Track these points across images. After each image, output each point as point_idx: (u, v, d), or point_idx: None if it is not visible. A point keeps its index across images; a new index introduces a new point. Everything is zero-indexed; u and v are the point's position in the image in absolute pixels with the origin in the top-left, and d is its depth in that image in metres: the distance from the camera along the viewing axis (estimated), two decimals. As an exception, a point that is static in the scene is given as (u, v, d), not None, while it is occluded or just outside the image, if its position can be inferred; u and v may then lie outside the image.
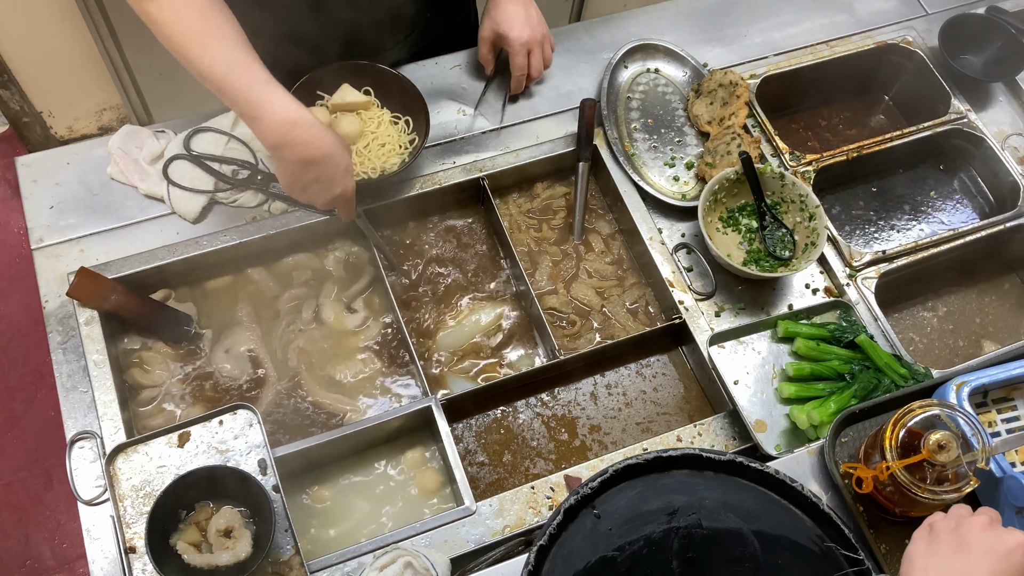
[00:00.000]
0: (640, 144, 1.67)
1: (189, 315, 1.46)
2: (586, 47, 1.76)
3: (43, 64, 2.46)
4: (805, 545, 1.07)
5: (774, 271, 1.51)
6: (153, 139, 1.53)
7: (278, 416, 1.42)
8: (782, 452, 1.34)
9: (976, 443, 1.09)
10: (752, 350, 1.46)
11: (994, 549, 0.89)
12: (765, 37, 1.81)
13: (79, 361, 1.35)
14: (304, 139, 1.19)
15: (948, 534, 0.93)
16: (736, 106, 1.63)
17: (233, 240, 1.47)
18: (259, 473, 1.25)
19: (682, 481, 1.09)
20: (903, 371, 1.41)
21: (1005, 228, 1.63)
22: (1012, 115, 1.77)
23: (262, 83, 1.16)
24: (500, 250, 1.62)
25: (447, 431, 1.35)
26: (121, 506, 1.22)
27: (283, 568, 1.20)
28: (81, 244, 1.45)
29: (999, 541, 0.90)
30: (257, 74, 1.17)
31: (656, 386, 1.53)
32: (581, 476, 1.32)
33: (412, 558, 1.15)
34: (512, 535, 1.27)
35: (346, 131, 1.49)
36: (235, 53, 1.17)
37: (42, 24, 2.33)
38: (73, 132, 2.74)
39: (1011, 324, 1.68)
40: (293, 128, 1.18)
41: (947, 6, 1.88)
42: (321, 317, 1.51)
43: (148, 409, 1.41)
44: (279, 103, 1.17)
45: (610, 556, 1.04)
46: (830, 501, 1.22)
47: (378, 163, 1.50)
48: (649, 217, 1.58)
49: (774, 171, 1.54)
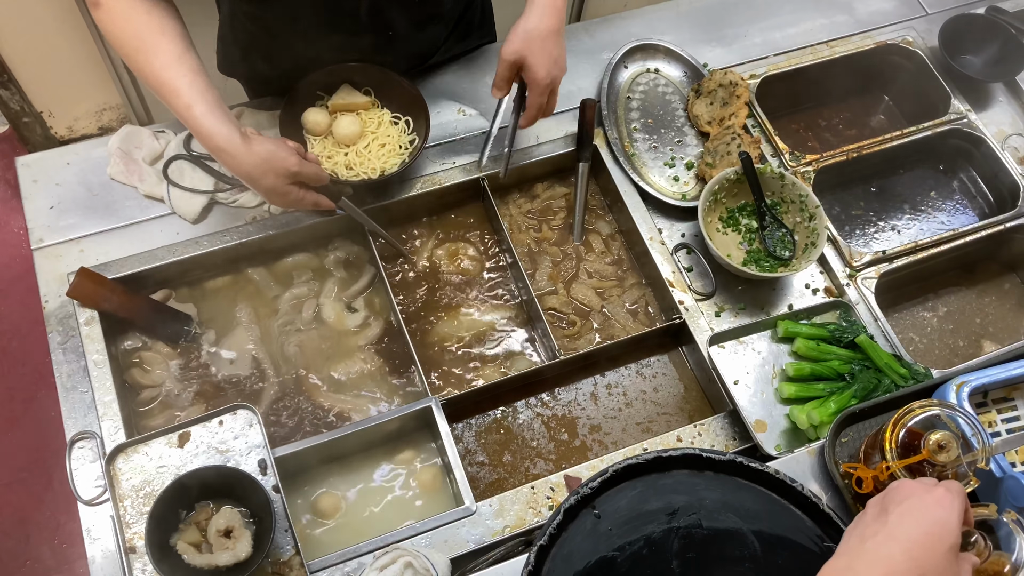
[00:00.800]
0: (640, 144, 1.67)
1: (189, 315, 1.46)
2: (586, 47, 1.76)
3: (43, 64, 2.46)
4: (805, 545, 1.07)
5: (774, 271, 1.51)
6: (153, 139, 1.53)
7: (278, 416, 1.42)
8: (782, 452, 1.34)
9: (976, 443, 1.09)
10: (752, 350, 1.46)
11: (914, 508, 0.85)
12: (765, 37, 1.81)
13: (79, 361, 1.35)
14: (227, 163, 1.25)
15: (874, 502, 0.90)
16: (736, 106, 1.63)
17: (233, 240, 1.47)
18: (259, 473, 1.25)
19: (682, 481, 1.09)
20: (903, 371, 1.41)
21: (1005, 228, 1.63)
22: (1012, 115, 1.77)
23: (184, 107, 1.21)
24: (500, 250, 1.62)
25: (447, 431, 1.35)
26: (121, 506, 1.22)
27: (283, 568, 1.20)
28: (81, 244, 1.45)
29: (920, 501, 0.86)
30: (182, 98, 1.21)
31: (656, 386, 1.53)
32: (581, 476, 1.32)
33: (412, 558, 1.15)
34: (512, 535, 1.27)
35: (346, 131, 1.49)
36: (165, 73, 1.22)
37: (42, 24, 2.33)
38: (73, 132, 2.74)
39: (1011, 324, 1.68)
40: (217, 154, 1.24)
41: (947, 6, 1.88)
42: (321, 317, 1.51)
43: (148, 409, 1.41)
44: (203, 129, 1.22)
45: (610, 556, 1.04)
46: (830, 501, 1.21)
47: (378, 164, 1.50)
48: (649, 217, 1.58)
49: (774, 171, 1.54)
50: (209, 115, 1.21)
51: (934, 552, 0.82)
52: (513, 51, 1.35)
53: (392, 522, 1.35)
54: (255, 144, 1.25)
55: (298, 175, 1.30)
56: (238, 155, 1.23)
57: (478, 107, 1.66)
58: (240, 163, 1.24)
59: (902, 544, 0.82)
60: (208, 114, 1.21)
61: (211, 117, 1.21)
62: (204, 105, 1.21)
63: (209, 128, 1.21)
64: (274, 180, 1.27)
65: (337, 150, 1.51)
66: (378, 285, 1.54)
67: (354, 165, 1.50)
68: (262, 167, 1.25)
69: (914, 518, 0.84)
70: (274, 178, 1.27)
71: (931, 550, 0.82)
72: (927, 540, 0.82)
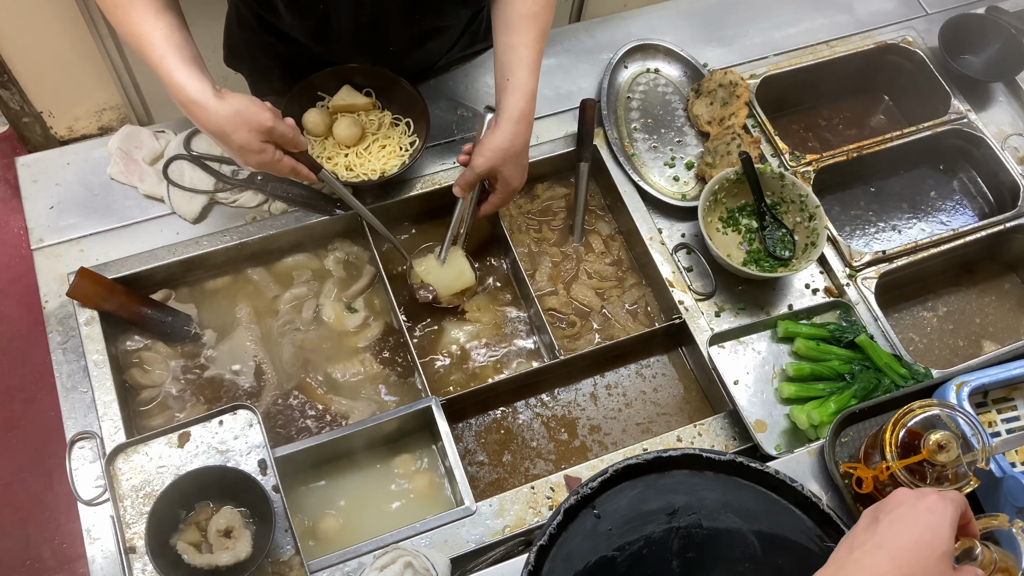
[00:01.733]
0: (640, 144, 1.67)
1: (189, 315, 1.46)
2: (586, 47, 1.76)
3: (43, 64, 2.46)
4: (805, 545, 1.07)
5: (774, 271, 1.51)
6: (153, 139, 1.53)
7: (278, 416, 1.42)
8: (782, 452, 1.34)
9: (976, 443, 1.09)
10: (752, 350, 1.46)
11: (904, 516, 0.83)
12: (765, 37, 1.81)
13: (79, 361, 1.35)
14: (197, 117, 1.20)
15: (868, 512, 0.88)
16: (736, 106, 1.63)
17: (233, 240, 1.47)
18: (259, 473, 1.25)
19: (682, 481, 1.09)
20: (903, 371, 1.41)
21: (1005, 228, 1.63)
22: (1012, 115, 1.77)
23: (158, 58, 1.18)
24: (500, 251, 1.62)
25: (447, 431, 1.35)
26: (121, 506, 1.22)
27: (283, 568, 1.20)
28: (81, 244, 1.45)
29: (911, 508, 0.84)
30: (156, 49, 1.18)
31: (656, 386, 1.53)
32: (581, 476, 1.32)
33: (412, 558, 1.15)
34: (512, 535, 1.27)
35: (346, 133, 1.49)
36: (143, 27, 1.19)
37: (42, 24, 2.33)
38: (73, 132, 2.74)
39: (1011, 324, 1.68)
40: (187, 107, 1.20)
41: (947, 6, 1.88)
42: (321, 317, 1.51)
43: (148, 409, 1.41)
44: (174, 80, 1.18)
45: (610, 556, 1.04)
46: (830, 501, 1.21)
47: (378, 165, 1.50)
48: (649, 217, 1.58)
49: (774, 171, 1.54)
50: (182, 66, 1.18)
51: (923, 560, 0.80)
52: (487, 168, 1.36)
53: (392, 522, 1.34)
54: (228, 97, 1.20)
55: (272, 132, 1.24)
56: (209, 107, 1.18)
57: (478, 107, 1.66)
58: (210, 116, 1.19)
59: (889, 552, 0.81)
60: (181, 66, 1.18)
61: (184, 69, 1.18)
62: (178, 57, 1.18)
63: (180, 79, 1.18)
64: (246, 135, 1.21)
65: (337, 151, 1.51)
66: (378, 285, 1.54)
67: (354, 166, 1.50)
68: (234, 120, 1.20)
69: (903, 525, 0.82)
70: (246, 133, 1.21)
71: (920, 558, 0.80)
72: (916, 548, 0.80)
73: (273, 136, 1.24)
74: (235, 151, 1.24)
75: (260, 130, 1.22)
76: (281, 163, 1.28)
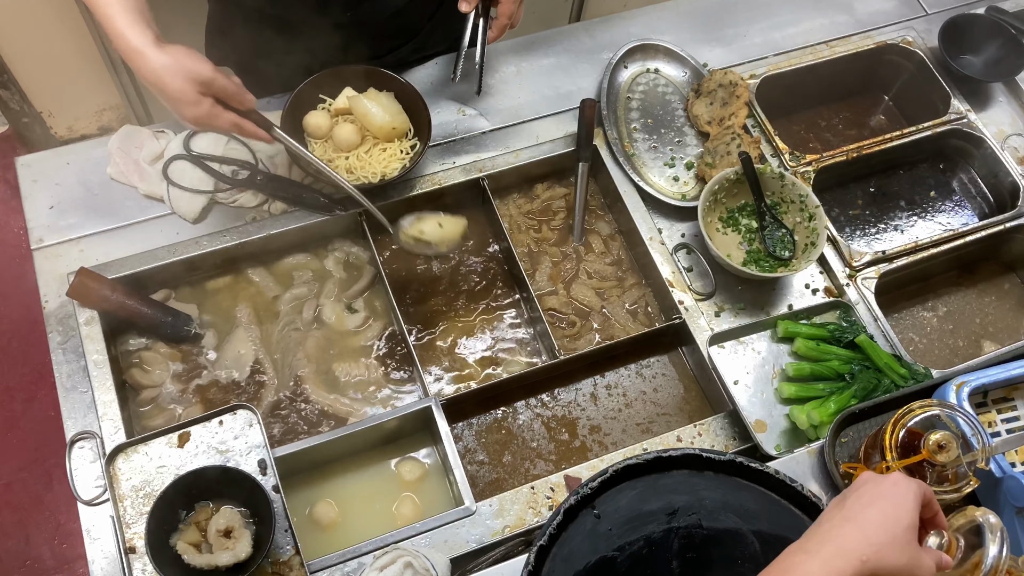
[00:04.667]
0: (640, 144, 1.67)
1: (189, 315, 1.46)
2: (586, 47, 1.76)
3: (43, 64, 2.46)
4: (805, 545, 1.07)
5: (774, 271, 1.51)
6: (153, 139, 1.53)
7: (278, 416, 1.42)
8: (782, 452, 1.34)
9: (976, 443, 1.09)
10: (752, 350, 1.46)
11: (869, 491, 0.87)
12: (765, 37, 1.81)
13: (79, 361, 1.35)
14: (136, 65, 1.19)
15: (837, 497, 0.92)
16: (736, 106, 1.63)
17: (233, 240, 1.47)
18: (259, 473, 1.25)
19: (682, 481, 1.09)
20: (903, 371, 1.41)
21: (1005, 228, 1.63)
22: (1012, 115, 1.77)
23: (104, 15, 1.17)
24: (500, 250, 1.62)
25: (447, 431, 1.35)
26: (121, 506, 1.22)
27: (283, 568, 1.20)
28: (81, 244, 1.45)
29: (876, 485, 0.88)
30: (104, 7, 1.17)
31: (656, 386, 1.53)
32: (581, 476, 1.32)
33: (412, 558, 1.15)
34: (512, 535, 1.27)
35: (346, 137, 1.49)
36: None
37: (42, 24, 2.33)
38: (73, 132, 2.74)
39: (1011, 324, 1.68)
40: (127, 56, 1.19)
41: (947, 6, 1.88)
42: (321, 317, 1.51)
43: (148, 409, 1.41)
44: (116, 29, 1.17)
45: (610, 556, 1.04)
46: (830, 501, 1.21)
47: (379, 168, 1.50)
48: (649, 217, 1.58)
49: (774, 171, 1.54)
50: (124, 15, 1.17)
51: (889, 531, 0.83)
52: None
53: (392, 522, 1.35)
54: (168, 48, 1.18)
55: (212, 84, 1.20)
56: (147, 54, 1.16)
57: (478, 107, 1.66)
58: (148, 63, 1.17)
59: (855, 523, 0.84)
60: (123, 14, 1.17)
61: (125, 17, 1.17)
62: (122, 7, 1.17)
63: (121, 28, 1.17)
64: (181, 84, 1.18)
65: (338, 154, 1.51)
66: (378, 286, 1.54)
67: (355, 169, 1.50)
68: (172, 68, 1.17)
69: (869, 499, 0.86)
70: (183, 82, 1.18)
71: (886, 528, 0.84)
72: (882, 519, 0.84)
73: (213, 89, 1.22)
74: (171, 102, 1.21)
75: (197, 79, 1.19)
76: (219, 118, 1.24)
